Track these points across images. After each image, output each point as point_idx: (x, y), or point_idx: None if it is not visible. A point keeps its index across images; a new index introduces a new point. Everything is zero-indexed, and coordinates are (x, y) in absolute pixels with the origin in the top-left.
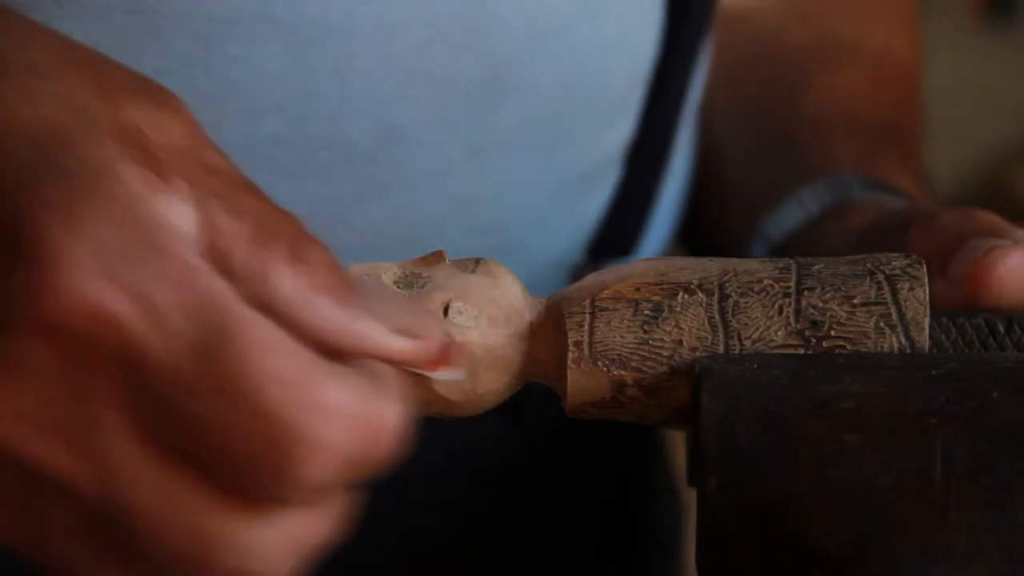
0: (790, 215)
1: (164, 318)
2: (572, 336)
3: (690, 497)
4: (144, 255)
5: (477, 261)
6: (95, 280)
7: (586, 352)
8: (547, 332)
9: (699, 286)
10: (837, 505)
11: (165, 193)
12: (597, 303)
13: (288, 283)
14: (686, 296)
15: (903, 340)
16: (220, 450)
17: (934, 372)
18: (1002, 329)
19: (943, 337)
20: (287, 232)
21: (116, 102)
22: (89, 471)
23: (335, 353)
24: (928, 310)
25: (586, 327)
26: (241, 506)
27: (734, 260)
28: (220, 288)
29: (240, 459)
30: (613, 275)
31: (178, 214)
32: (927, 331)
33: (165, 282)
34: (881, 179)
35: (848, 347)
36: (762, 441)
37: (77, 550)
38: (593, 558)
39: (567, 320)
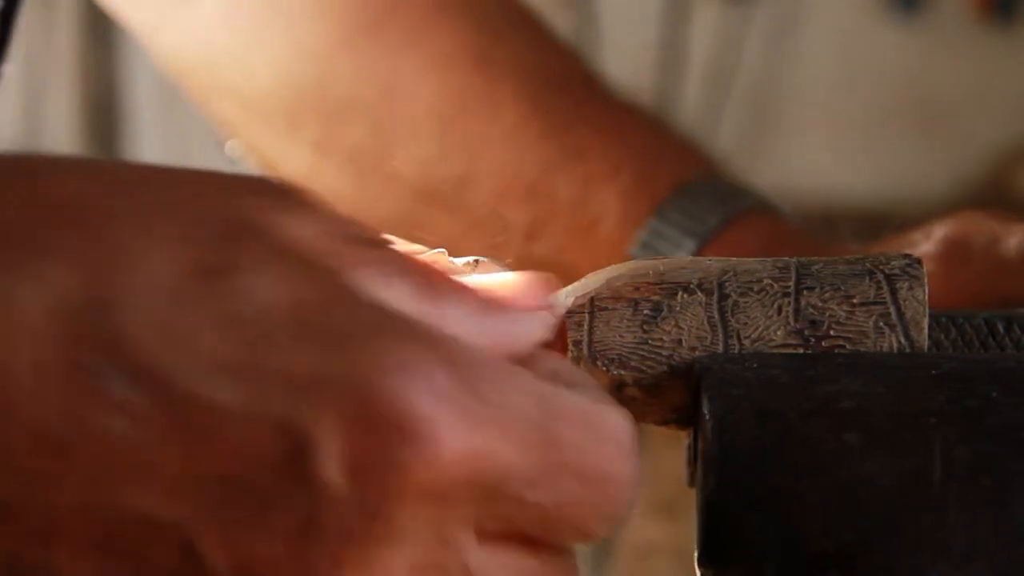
0: (661, 242)
1: (518, 430)
2: (571, 336)
3: (690, 497)
4: (473, 379)
5: (476, 261)
6: (461, 428)
7: (585, 352)
8: None
9: (698, 286)
10: (837, 505)
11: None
12: (596, 303)
13: (462, 321)
14: (685, 296)
15: (902, 340)
16: (562, 519)
17: (934, 372)
18: (1002, 329)
19: (943, 337)
20: (433, 274)
21: (303, 228)
22: None
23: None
24: (927, 310)
25: (585, 327)
26: (566, 554)
27: (733, 260)
28: (531, 377)
29: (579, 520)
30: (612, 275)
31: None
32: (926, 331)
33: (503, 396)
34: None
35: (847, 347)
36: (762, 441)
37: None
38: None
39: (566, 320)
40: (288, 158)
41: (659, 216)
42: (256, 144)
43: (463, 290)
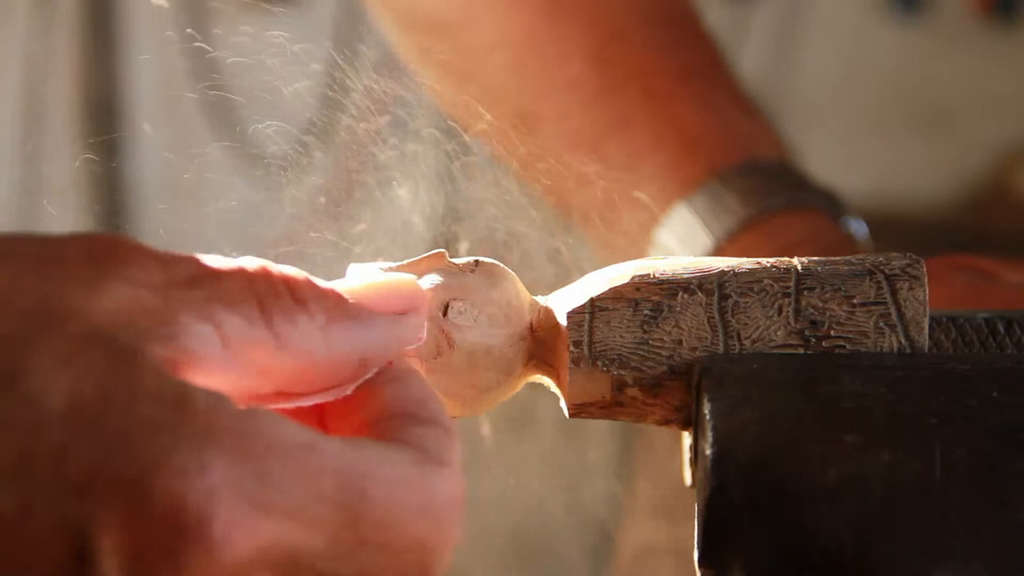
0: (691, 227)
1: (314, 514)
2: (572, 336)
3: (690, 497)
4: (262, 467)
5: (477, 262)
6: (245, 520)
7: (586, 352)
8: (547, 332)
9: (699, 286)
10: (837, 505)
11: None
12: (597, 303)
13: (310, 335)
14: (686, 296)
15: (903, 340)
16: None
17: (934, 372)
18: (1002, 329)
19: (943, 337)
20: (261, 287)
21: (102, 317)
22: None
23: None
24: (928, 310)
25: (586, 327)
26: None
27: (734, 260)
28: (332, 450)
29: None
30: (612, 275)
31: (206, 344)
32: (927, 331)
33: (298, 481)
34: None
35: (848, 347)
36: (762, 441)
37: None
38: None
39: (567, 320)
40: (406, 56)
41: (687, 205)
42: (394, 41)
43: (314, 303)
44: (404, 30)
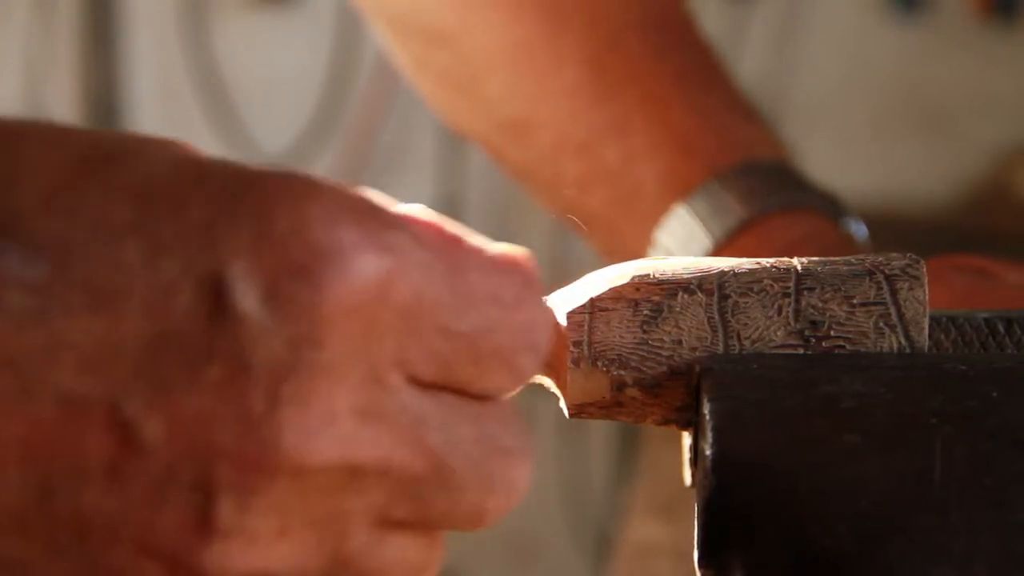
0: (690, 229)
1: (424, 258)
2: (572, 336)
3: (690, 497)
4: (377, 211)
5: None
6: (371, 248)
7: (586, 352)
8: None
9: (699, 286)
10: (837, 505)
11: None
12: (596, 303)
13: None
14: (686, 296)
15: (903, 340)
16: (489, 350)
17: (934, 372)
18: (1002, 329)
19: (943, 337)
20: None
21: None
22: (404, 441)
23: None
24: (927, 310)
25: (585, 327)
26: (500, 401)
27: (734, 260)
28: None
29: (506, 351)
30: (612, 275)
31: None
32: (926, 331)
33: (407, 229)
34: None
35: (848, 347)
36: (762, 441)
37: (377, 543)
38: None
39: (567, 320)
40: (402, 66)
41: (686, 207)
42: (390, 51)
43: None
44: (400, 40)
